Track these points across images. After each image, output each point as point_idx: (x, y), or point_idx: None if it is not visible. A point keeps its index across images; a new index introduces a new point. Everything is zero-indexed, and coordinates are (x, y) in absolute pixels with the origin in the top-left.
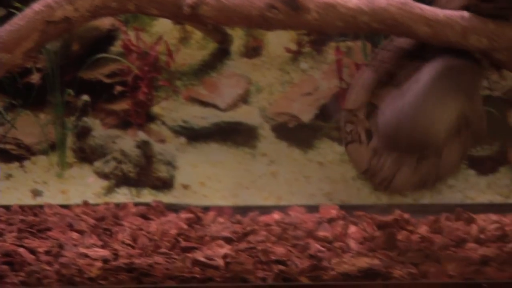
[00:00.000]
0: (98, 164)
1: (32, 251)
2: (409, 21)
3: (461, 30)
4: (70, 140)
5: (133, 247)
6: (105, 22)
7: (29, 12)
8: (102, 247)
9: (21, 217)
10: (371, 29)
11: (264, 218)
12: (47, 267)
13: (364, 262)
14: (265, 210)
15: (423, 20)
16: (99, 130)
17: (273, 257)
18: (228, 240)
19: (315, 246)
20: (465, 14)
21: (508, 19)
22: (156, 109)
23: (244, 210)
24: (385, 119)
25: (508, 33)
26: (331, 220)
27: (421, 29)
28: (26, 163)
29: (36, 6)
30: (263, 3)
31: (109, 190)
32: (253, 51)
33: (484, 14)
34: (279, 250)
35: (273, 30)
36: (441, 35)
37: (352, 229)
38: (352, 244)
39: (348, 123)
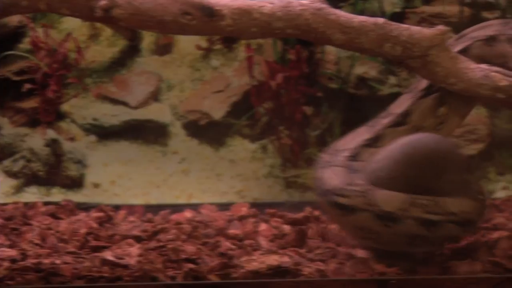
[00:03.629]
0: (6, 163)
1: None
2: (323, 27)
3: (375, 37)
4: None
5: (41, 247)
6: (13, 19)
7: None
8: (10, 246)
9: None
10: (286, 35)
11: (175, 217)
12: None
13: (273, 259)
14: (176, 208)
15: (337, 27)
16: (7, 129)
17: (183, 256)
18: (138, 239)
19: (226, 244)
20: (380, 21)
21: None
22: (65, 107)
23: (155, 208)
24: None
25: (422, 42)
26: (242, 218)
27: (336, 36)
28: None
29: None
30: (177, 9)
31: (18, 189)
32: (163, 48)
33: None
34: (190, 249)
35: (187, 35)
36: (355, 42)
37: (263, 226)
38: (263, 241)
39: None
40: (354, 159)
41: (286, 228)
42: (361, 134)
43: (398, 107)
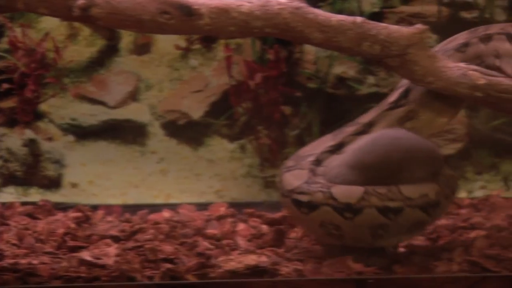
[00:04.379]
0: None
1: None
2: (302, 26)
3: (354, 36)
4: None
5: (18, 247)
6: None
7: None
8: None
9: None
10: (264, 34)
11: (153, 216)
12: None
13: (251, 259)
14: (155, 208)
15: (315, 26)
16: None
17: (161, 256)
18: (115, 239)
19: (204, 244)
20: (358, 20)
21: None
22: (43, 107)
23: (133, 208)
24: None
25: (400, 41)
26: (220, 218)
27: (314, 35)
28: None
29: None
30: (155, 8)
31: None
32: (142, 48)
33: None
34: (167, 249)
35: (165, 34)
36: (333, 41)
37: (241, 226)
38: (240, 241)
39: None
40: (318, 164)
41: (264, 228)
42: (325, 141)
43: (365, 117)
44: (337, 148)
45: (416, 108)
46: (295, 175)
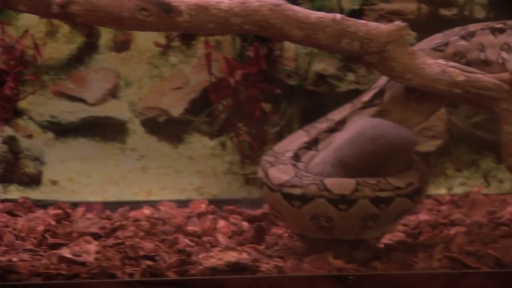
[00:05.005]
0: None
1: None
2: (281, 23)
3: (333, 33)
4: None
5: None
6: None
7: None
8: None
9: None
10: (243, 31)
11: (134, 213)
12: None
13: (231, 256)
14: (135, 205)
15: (295, 23)
16: None
17: (141, 253)
18: (96, 236)
19: (184, 240)
20: (338, 17)
21: None
22: (23, 104)
23: (114, 205)
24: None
25: (379, 38)
26: (200, 215)
27: (293, 32)
28: None
29: None
30: (133, 5)
31: None
32: (121, 45)
33: None
34: (148, 246)
35: (144, 31)
36: (313, 38)
37: (221, 223)
38: (221, 238)
39: None
40: (297, 160)
41: (245, 224)
42: (299, 137)
43: (337, 115)
44: (312, 144)
45: (390, 108)
46: (281, 170)
